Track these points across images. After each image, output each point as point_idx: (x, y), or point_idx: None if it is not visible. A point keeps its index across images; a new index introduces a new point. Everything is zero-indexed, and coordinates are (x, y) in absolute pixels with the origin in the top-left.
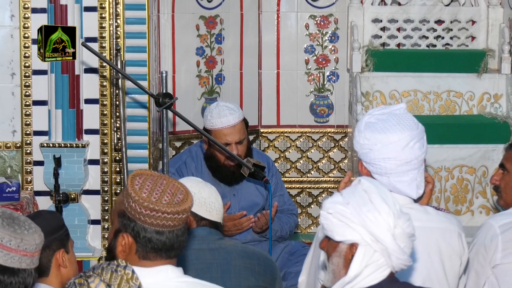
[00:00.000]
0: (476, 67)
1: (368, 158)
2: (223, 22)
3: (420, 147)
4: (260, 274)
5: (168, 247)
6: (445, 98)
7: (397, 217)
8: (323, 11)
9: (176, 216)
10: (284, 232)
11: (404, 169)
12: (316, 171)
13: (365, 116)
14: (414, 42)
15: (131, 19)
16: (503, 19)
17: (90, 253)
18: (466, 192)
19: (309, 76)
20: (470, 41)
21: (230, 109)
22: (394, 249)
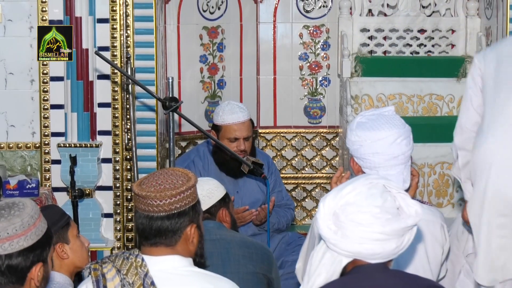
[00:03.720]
0: (456, 72)
1: (359, 153)
2: (224, 32)
3: (406, 144)
4: (258, 262)
5: (141, 230)
6: (428, 100)
7: (346, 204)
8: (316, 22)
9: (145, 200)
10: (281, 225)
11: (392, 163)
12: (310, 168)
13: (357, 116)
14: (399, 50)
15: (140, 29)
16: (480, 28)
17: (104, 243)
18: (447, 186)
19: (303, 81)
20: (450, 48)
21: (240, 108)
22: (326, 235)
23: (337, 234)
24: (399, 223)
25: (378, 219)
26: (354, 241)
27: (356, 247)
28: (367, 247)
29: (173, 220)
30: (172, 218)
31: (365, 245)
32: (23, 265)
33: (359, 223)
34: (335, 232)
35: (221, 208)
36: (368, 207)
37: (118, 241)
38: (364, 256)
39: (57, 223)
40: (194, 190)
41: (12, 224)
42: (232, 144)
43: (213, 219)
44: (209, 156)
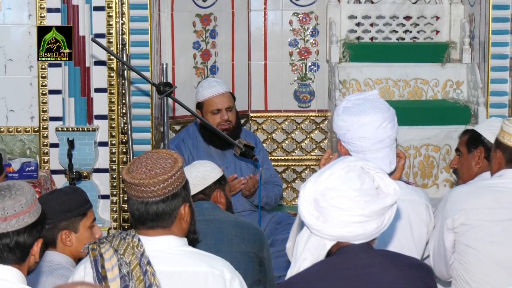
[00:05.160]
0: (440, 58)
1: (346, 138)
2: (216, 19)
3: (392, 127)
4: (250, 241)
5: (137, 216)
6: (413, 85)
7: (325, 190)
8: (305, 9)
9: (139, 187)
10: (270, 199)
11: (378, 147)
12: (299, 150)
13: (343, 101)
14: (386, 36)
15: (135, 17)
16: (464, 15)
17: (101, 224)
18: (432, 167)
19: (293, 67)
20: (435, 34)
21: (218, 82)
22: (309, 222)
23: (319, 219)
24: (378, 203)
25: (357, 202)
26: (336, 225)
27: (339, 230)
28: (349, 230)
29: (168, 203)
30: (166, 201)
31: (347, 228)
32: (29, 241)
33: (340, 208)
34: (317, 217)
35: (216, 190)
36: (347, 191)
37: (115, 222)
38: (347, 238)
39: (73, 211)
40: (183, 171)
41: (18, 202)
42: (215, 116)
43: (207, 200)
44: (197, 134)
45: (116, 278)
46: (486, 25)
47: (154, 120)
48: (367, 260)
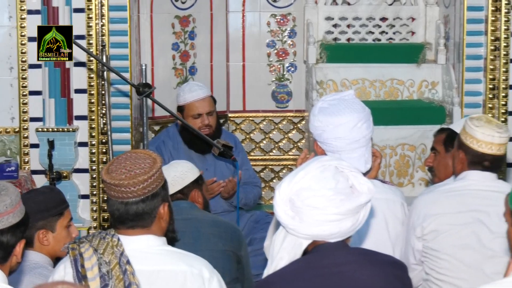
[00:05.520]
0: (416, 58)
1: (322, 138)
2: (195, 21)
3: (367, 127)
4: (227, 240)
5: (118, 216)
6: (389, 85)
7: (300, 190)
8: (282, 11)
9: (119, 188)
10: (249, 200)
11: (353, 146)
12: (277, 150)
13: (319, 102)
14: (362, 37)
15: (114, 19)
16: (439, 16)
17: (81, 224)
18: (408, 167)
19: (271, 67)
20: (411, 35)
21: (199, 86)
22: (284, 221)
23: (294, 219)
24: (352, 202)
25: (332, 201)
26: (311, 224)
27: (314, 229)
28: (324, 229)
29: (147, 202)
30: (146, 200)
31: (322, 227)
32: (12, 242)
33: (315, 207)
34: (292, 217)
35: (194, 189)
36: (321, 191)
37: (95, 221)
38: (323, 237)
39: (50, 210)
40: (161, 171)
41: (2, 202)
42: (196, 121)
43: (185, 199)
44: (178, 136)
45: (96, 277)
46: (460, 27)
47: (134, 121)
48: (343, 258)
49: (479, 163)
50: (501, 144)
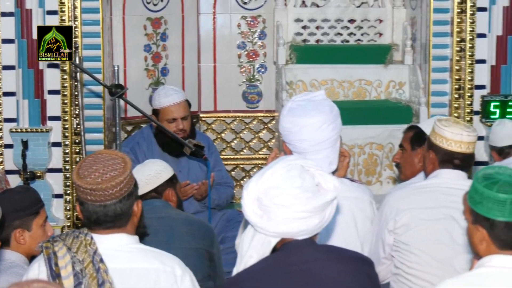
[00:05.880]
0: (383, 59)
1: (288, 139)
2: (167, 22)
3: (332, 129)
4: (200, 238)
5: (95, 219)
6: (357, 85)
7: (268, 188)
8: (253, 13)
9: (97, 192)
10: (221, 201)
11: (318, 148)
12: (248, 150)
13: (289, 102)
14: (331, 38)
15: (87, 21)
16: (406, 18)
17: (55, 222)
18: (376, 165)
19: (241, 68)
20: (378, 37)
21: (174, 90)
22: (253, 220)
23: (262, 218)
24: (319, 199)
25: (299, 199)
26: (279, 222)
27: (282, 227)
28: (292, 226)
29: (124, 202)
30: (123, 200)
31: (290, 224)
32: None
33: (282, 205)
34: (260, 216)
35: (168, 188)
36: (288, 189)
37: (68, 220)
38: (291, 234)
39: (26, 210)
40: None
41: None
42: (171, 125)
43: (159, 198)
44: (152, 137)
45: (69, 276)
46: (427, 28)
47: (106, 121)
48: (311, 255)
49: (449, 161)
50: (469, 142)
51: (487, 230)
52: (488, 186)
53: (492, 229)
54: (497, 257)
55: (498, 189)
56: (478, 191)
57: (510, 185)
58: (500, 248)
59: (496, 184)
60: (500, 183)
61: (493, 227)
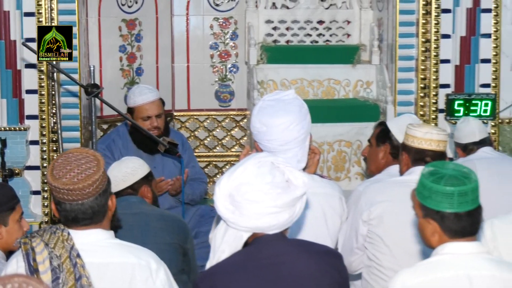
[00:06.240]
0: (351, 59)
1: (258, 139)
2: (141, 24)
3: (300, 129)
4: (174, 234)
5: (73, 217)
6: (326, 85)
7: (239, 185)
8: (225, 14)
9: (74, 191)
10: (195, 196)
11: (286, 147)
12: (220, 147)
13: (259, 101)
14: (300, 39)
15: (63, 22)
16: (373, 19)
17: (33, 218)
18: (344, 162)
19: (214, 68)
20: (346, 37)
21: (149, 89)
22: (225, 216)
23: (234, 213)
24: (289, 195)
25: (270, 194)
26: (251, 217)
27: (254, 222)
28: (263, 221)
29: (100, 199)
30: (99, 197)
31: (261, 219)
32: None
33: (253, 201)
34: (232, 211)
35: (144, 185)
36: (259, 185)
37: (46, 216)
38: (262, 229)
39: (2, 205)
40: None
41: None
42: (145, 123)
43: (135, 195)
44: (127, 135)
45: (47, 271)
46: (393, 29)
47: (83, 120)
48: (282, 249)
49: (421, 159)
50: (439, 140)
51: (438, 222)
52: (435, 181)
53: (443, 221)
54: (450, 245)
55: (445, 183)
56: (426, 186)
57: (456, 178)
58: (451, 237)
59: (443, 178)
60: (446, 177)
61: (444, 219)
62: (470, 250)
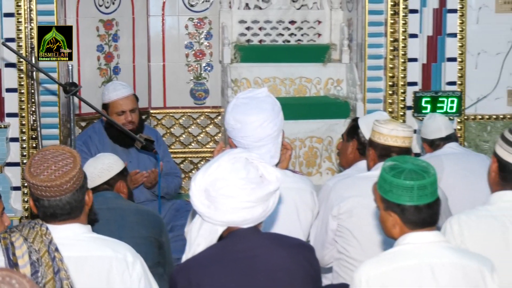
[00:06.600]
0: (322, 58)
1: (232, 135)
2: (118, 24)
3: (273, 126)
4: (150, 227)
5: (51, 213)
6: (298, 83)
7: (214, 180)
8: (199, 14)
9: (52, 188)
10: (170, 189)
11: (259, 144)
12: (196, 144)
13: (234, 99)
14: (273, 39)
15: (42, 22)
16: (343, 19)
17: (13, 214)
18: (316, 157)
19: (189, 67)
20: (317, 37)
21: (122, 85)
22: (201, 210)
23: (210, 208)
24: (262, 190)
25: (244, 189)
26: (226, 212)
27: (228, 216)
28: (238, 216)
29: (77, 194)
30: (76, 193)
31: (236, 214)
32: None
33: (228, 196)
34: (208, 206)
35: (119, 181)
36: (234, 180)
37: (26, 211)
38: (237, 223)
39: None
40: None
41: None
42: (120, 117)
43: (111, 190)
44: (103, 131)
45: (26, 265)
46: (362, 29)
47: (62, 117)
48: (256, 242)
49: (386, 155)
50: (405, 137)
51: (399, 214)
52: (395, 175)
53: (403, 213)
54: (411, 235)
55: (405, 177)
56: (387, 180)
57: (415, 172)
58: (412, 228)
59: (403, 172)
60: (406, 171)
61: (404, 212)
62: (431, 239)
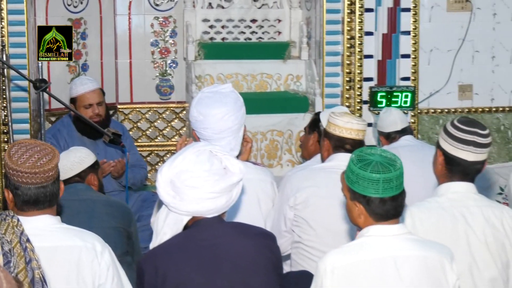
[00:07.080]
0: (282, 55)
1: (195, 127)
2: (86, 23)
3: (233, 120)
4: (119, 218)
5: (34, 199)
6: (259, 79)
7: (179, 172)
8: (164, 14)
9: (39, 175)
10: (136, 180)
11: (220, 136)
12: (161, 137)
13: (199, 93)
14: (235, 37)
15: (13, 21)
16: (302, 18)
17: None
18: (277, 150)
19: (155, 64)
20: (277, 35)
21: (89, 79)
22: (167, 201)
23: (175, 198)
24: (226, 181)
25: (208, 181)
26: (190, 202)
27: (193, 206)
28: (202, 206)
29: (57, 184)
30: (56, 182)
31: (201, 204)
32: None
33: (193, 187)
34: (173, 197)
35: (90, 173)
36: (198, 172)
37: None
38: (201, 213)
39: None
40: None
41: None
42: (87, 110)
43: (82, 182)
44: (71, 124)
45: None
46: (320, 27)
47: (32, 113)
48: (219, 231)
49: (341, 146)
50: (359, 130)
51: (364, 205)
52: (362, 168)
53: (369, 205)
54: (374, 227)
55: (372, 170)
56: (354, 172)
57: (382, 165)
58: (376, 220)
59: (370, 165)
60: (373, 164)
61: (369, 203)
62: (394, 232)
